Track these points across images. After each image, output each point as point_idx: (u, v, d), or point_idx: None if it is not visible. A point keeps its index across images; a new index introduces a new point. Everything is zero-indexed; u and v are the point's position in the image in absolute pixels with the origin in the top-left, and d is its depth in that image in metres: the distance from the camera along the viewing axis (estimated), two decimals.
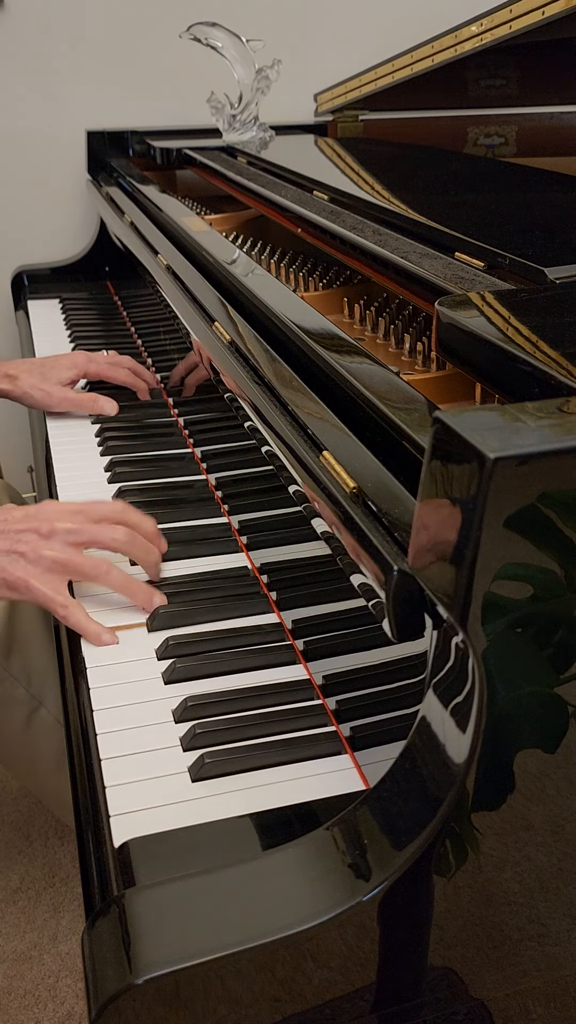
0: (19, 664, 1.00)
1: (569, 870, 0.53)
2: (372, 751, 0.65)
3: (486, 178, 1.26)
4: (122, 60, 1.87)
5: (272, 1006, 0.49)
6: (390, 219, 0.98)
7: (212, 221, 1.33)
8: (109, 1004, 0.46)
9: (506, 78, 1.62)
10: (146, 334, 1.48)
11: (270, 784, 0.63)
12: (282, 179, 1.31)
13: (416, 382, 0.73)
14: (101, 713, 0.70)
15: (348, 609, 0.68)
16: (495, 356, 0.59)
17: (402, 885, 0.48)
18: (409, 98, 1.64)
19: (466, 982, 0.54)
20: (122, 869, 0.56)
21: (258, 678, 0.74)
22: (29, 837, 1.43)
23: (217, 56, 1.60)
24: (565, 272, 0.72)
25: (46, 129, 1.89)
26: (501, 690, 0.46)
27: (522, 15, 1.20)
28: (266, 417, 0.73)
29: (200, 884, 0.51)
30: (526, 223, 0.94)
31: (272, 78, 1.59)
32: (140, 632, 0.79)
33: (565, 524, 0.44)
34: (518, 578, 0.44)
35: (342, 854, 0.51)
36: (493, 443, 0.41)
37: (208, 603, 0.82)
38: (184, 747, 0.67)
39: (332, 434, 0.66)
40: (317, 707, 0.70)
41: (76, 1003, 1.19)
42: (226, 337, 0.88)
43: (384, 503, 0.56)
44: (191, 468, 1.06)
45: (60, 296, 1.80)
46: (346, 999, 0.51)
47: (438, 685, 0.50)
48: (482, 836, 0.49)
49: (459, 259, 0.82)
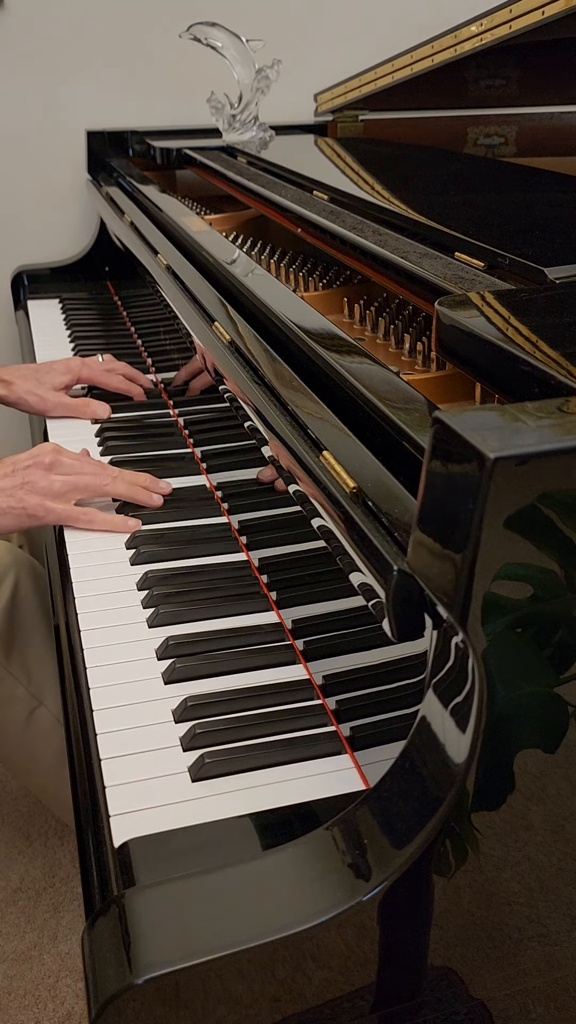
0: (19, 663, 1.00)
1: (569, 870, 0.53)
2: (372, 751, 0.65)
3: (486, 178, 1.26)
4: (122, 60, 1.87)
5: (272, 1006, 0.49)
6: (390, 219, 0.98)
7: (212, 221, 1.33)
8: (109, 1004, 0.46)
9: (506, 78, 1.62)
10: (146, 334, 1.48)
11: (270, 784, 0.63)
12: (282, 179, 1.31)
13: (416, 382, 0.73)
14: (101, 713, 0.70)
15: (348, 609, 0.68)
16: (495, 356, 0.59)
17: (402, 885, 0.48)
18: (409, 98, 1.64)
19: (466, 982, 0.54)
20: (122, 869, 0.56)
21: (258, 678, 0.74)
22: (29, 837, 1.43)
23: (217, 56, 1.60)
24: (565, 272, 0.72)
25: (46, 129, 1.89)
26: (501, 690, 0.46)
27: (522, 15, 1.20)
28: (266, 417, 0.73)
29: (200, 884, 0.51)
30: (526, 223, 0.94)
31: (272, 78, 1.59)
32: (140, 629, 0.79)
33: (565, 524, 0.44)
34: (518, 578, 0.44)
35: (342, 854, 0.51)
36: (493, 443, 0.41)
37: (208, 602, 0.82)
38: (184, 747, 0.67)
39: (332, 434, 0.66)
40: (317, 707, 0.70)
41: (76, 1003, 1.19)
42: (226, 337, 0.88)
43: (384, 503, 0.56)
44: (191, 468, 1.06)
45: (60, 296, 1.80)
46: (346, 999, 0.51)
47: (438, 685, 0.50)
48: (482, 836, 0.49)
49: (459, 259, 0.82)
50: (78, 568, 0.89)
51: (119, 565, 0.89)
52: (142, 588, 0.85)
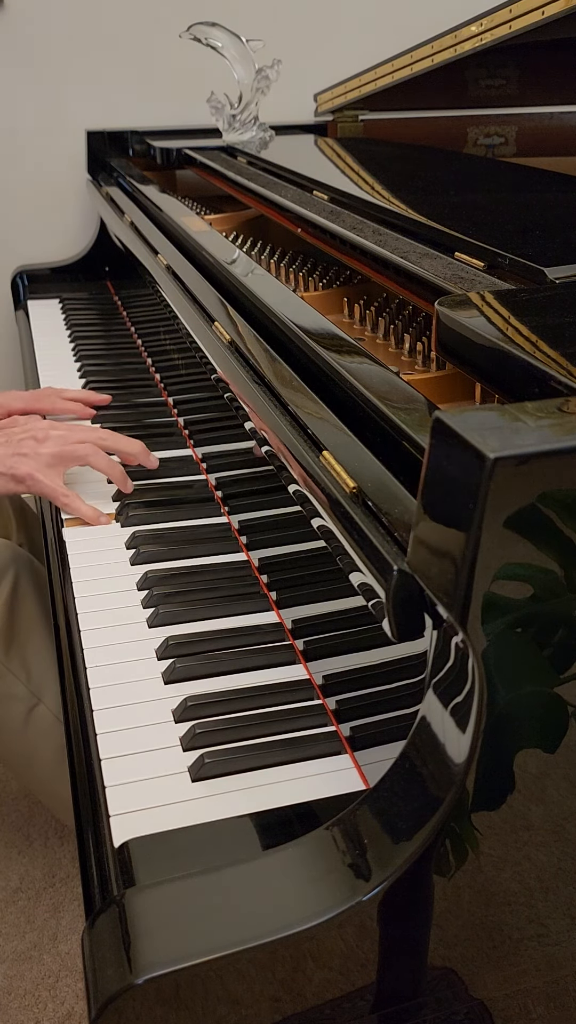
0: (18, 660, 1.00)
1: (569, 870, 0.53)
2: (372, 751, 0.65)
3: (486, 178, 1.26)
4: (122, 60, 1.87)
5: (272, 1006, 0.49)
6: (390, 219, 0.98)
7: (212, 221, 1.33)
8: (109, 1004, 0.46)
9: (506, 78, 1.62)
10: (146, 334, 1.48)
11: (270, 784, 0.63)
12: (282, 179, 1.31)
13: (416, 382, 0.73)
14: (101, 713, 0.70)
15: (348, 609, 0.68)
16: (495, 356, 0.59)
17: (402, 885, 0.48)
18: (409, 98, 1.64)
19: (466, 982, 0.54)
20: (122, 869, 0.56)
21: (258, 678, 0.74)
22: (29, 837, 1.43)
23: (217, 56, 1.60)
24: (565, 272, 0.72)
25: (46, 129, 1.89)
26: (501, 690, 0.46)
27: (522, 15, 1.19)
28: (266, 417, 0.73)
29: (200, 884, 0.51)
30: (526, 223, 0.94)
31: (272, 78, 1.58)
32: (140, 629, 0.79)
33: (565, 524, 0.44)
34: (518, 578, 0.44)
35: (342, 854, 0.51)
36: (493, 443, 0.41)
37: (208, 602, 0.82)
38: (184, 747, 0.67)
39: (332, 434, 0.66)
40: (317, 707, 0.70)
41: (76, 1003, 1.19)
42: (226, 337, 0.88)
43: (384, 503, 0.56)
44: (191, 468, 1.06)
45: (60, 296, 1.80)
46: (346, 999, 0.51)
47: (438, 685, 0.50)
48: (482, 836, 0.49)
49: (459, 259, 0.82)
50: (78, 568, 0.89)
51: (119, 565, 0.89)
52: (142, 588, 0.85)
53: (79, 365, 1.42)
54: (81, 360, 1.44)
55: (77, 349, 1.49)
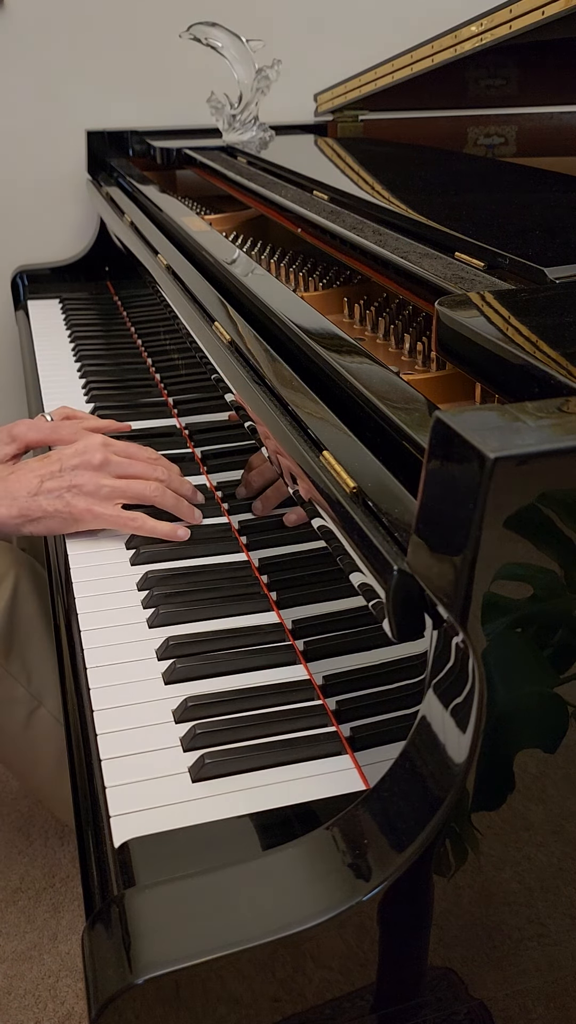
0: (19, 663, 1.00)
1: (569, 870, 0.53)
2: (372, 751, 0.65)
3: (486, 178, 1.26)
4: (122, 60, 1.87)
5: (272, 1006, 0.49)
6: (390, 219, 0.98)
7: (212, 221, 1.33)
8: (109, 1004, 0.46)
9: (506, 78, 1.62)
10: (146, 334, 1.48)
11: (270, 784, 0.63)
12: (282, 179, 1.31)
13: (416, 382, 0.73)
14: (101, 713, 0.70)
15: (348, 609, 0.68)
16: (495, 356, 0.59)
17: (402, 885, 0.48)
18: (409, 98, 1.64)
19: (466, 982, 0.54)
20: (122, 869, 0.56)
21: (258, 678, 0.74)
22: (29, 837, 1.43)
23: (217, 56, 1.60)
24: (565, 272, 0.72)
25: (46, 129, 1.89)
26: (501, 690, 0.46)
27: (522, 15, 1.20)
28: (266, 417, 0.73)
29: (200, 884, 0.51)
30: (526, 223, 0.94)
31: (272, 78, 1.58)
32: (140, 629, 0.79)
33: (565, 524, 0.44)
34: (518, 578, 0.44)
35: (342, 854, 0.51)
36: (493, 443, 0.41)
37: (208, 603, 0.82)
38: (184, 747, 0.67)
39: (332, 434, 0.66)
40: (317, 707, 0.70)
41: (76, 1003, 1.19)
42: (226, 337, 0.88)
43: (384, 503, 0.56)
44: (191, 468, 1.06)
45: (60, 296, 1.80)
46: (346, 999, 0.51)
47: (438, 685, 0.50)
48: (482, 836, 0.49)
49: (459, 259, 0.82)
50: (78, 568, 0.89)
51: (119, 565, 0.89)
52: (142, 588, 0.85)
53: (79, 365, 1.42)
54: (81, 360, 1.44)
55: (77, 349, 1.49)
